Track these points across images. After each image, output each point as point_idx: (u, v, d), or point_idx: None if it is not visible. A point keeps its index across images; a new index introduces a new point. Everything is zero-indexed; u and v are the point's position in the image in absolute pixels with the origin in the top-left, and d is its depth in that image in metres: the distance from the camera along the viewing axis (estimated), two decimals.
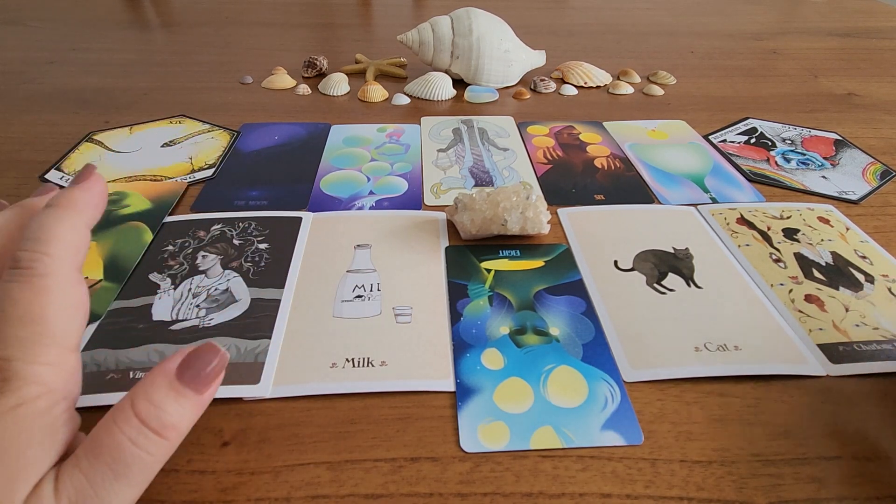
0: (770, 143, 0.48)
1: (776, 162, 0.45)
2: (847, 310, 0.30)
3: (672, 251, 0.34)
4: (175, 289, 0.31)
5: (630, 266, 0.33)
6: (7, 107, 0.52)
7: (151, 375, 0.18)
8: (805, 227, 0.37)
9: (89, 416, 0.24)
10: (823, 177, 0.43)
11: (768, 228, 0.37)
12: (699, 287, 0.32)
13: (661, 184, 0.42)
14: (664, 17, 0.85)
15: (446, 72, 0.57)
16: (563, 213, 0.38)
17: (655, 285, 0.32)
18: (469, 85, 0.56)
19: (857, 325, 0.29)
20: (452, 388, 0.25)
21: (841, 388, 0.26)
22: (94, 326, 0.28)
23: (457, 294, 0.31)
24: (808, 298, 0.31)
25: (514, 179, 0.42)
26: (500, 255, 0.34)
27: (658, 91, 0.57)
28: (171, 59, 0.65)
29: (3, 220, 0.21)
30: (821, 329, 0.29)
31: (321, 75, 0.60)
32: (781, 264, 0.34)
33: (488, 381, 0.26)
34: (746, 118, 0.52)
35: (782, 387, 0.26)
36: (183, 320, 0.28)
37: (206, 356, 0.19)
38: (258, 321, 0.29)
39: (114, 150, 0.45)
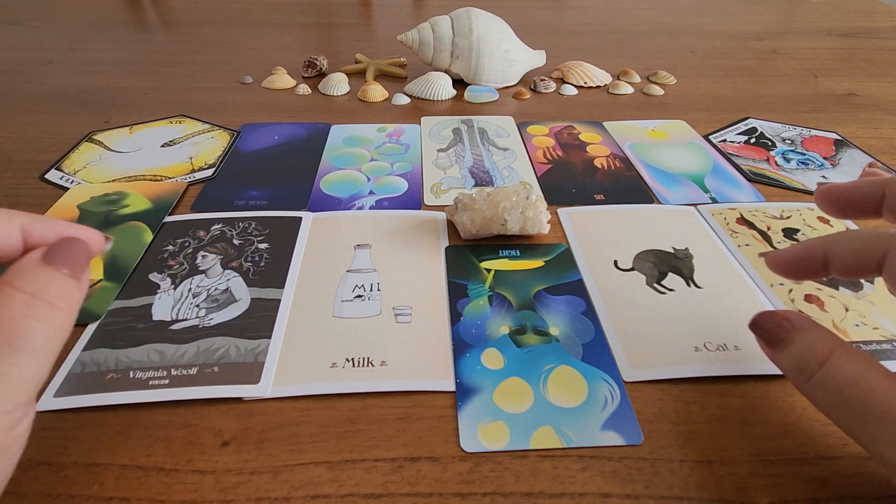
0: (770, 143, 0.48)
1: (776, 162, 0.45)
2: (847, 310, 0.30)
3: (672, 251, 0.34)
4: (175, 289, 0.31)
5: (630, 266, 0.33)
6: (7, 107, 0.52)
7: (19, 264, 0.18)
8: (805, 227, 0.37)
9: (90, 416, 0.24)
10: (823, 177, 0.43)
11: (768, 228, 0.37)
12: (699, 287, 0.32)
13: (661, 184, 0.42)
14: (664, 17, 0.85)
15: (446, 72, 0.57)
16: (563, 213, 0.38)
17: (655, 285, 0.32)
18: (469, 85, 0.56)
19: (857, 325, 0.29)
20: (452, 388, 0.25)
21: None
22: (94, 326, 0.28)
23: (457, 294, 0.31)
24: (808, 298, 0.31)
25: (514, 179, 0.42)
26: (500, 255, 0.34)
27: (658, 91, 0.57)
28: (171, 59, 0.65)
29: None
30: None
31: (321, 75, 0.60)
32: None
33: (488, 381, 0.26)
34: (746, 118, 0.52)
35: (782, 387, 0.26)
36: (183, 320, 0.28)
37: (69, 244, 0.19)
38: (258, 321, 0.29)
39: (114, 150, 0.45)
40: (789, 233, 0.36)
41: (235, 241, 0.34)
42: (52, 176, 0.41)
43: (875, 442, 0.18)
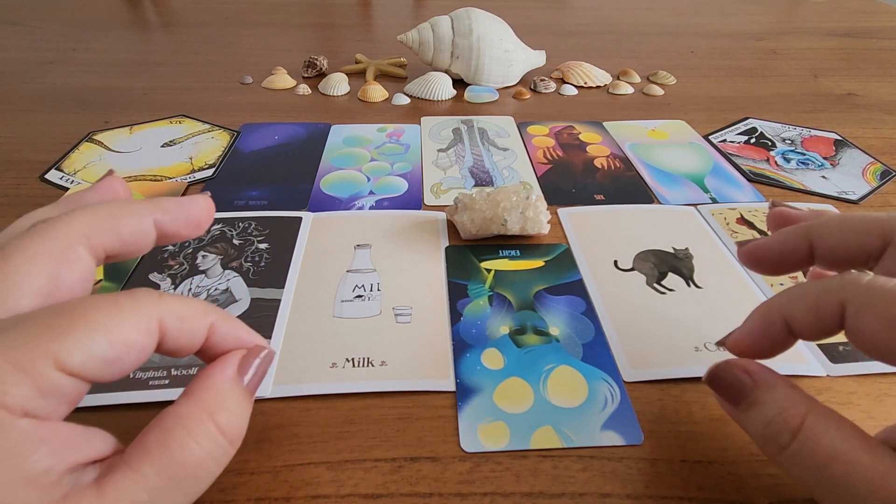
0: (770, 143, 0.48)
1: (776, 162, 0.45)
2: None
3: (672, 251, 0.34)
4: (175, 289, 0.31)
5: (630, 266, 0.33)
6: (7, 107, 0.52)
7: (219, 381, 0.17)
8: None
9: (90, 417, 0.24)
10: (823, 177, 0.43)
11: (768, 229, 0.37)
12: (699, 287, 0.32)
13: (661, 184, 0.42)
14: (664, 17, 0.85)
15: (446, 72, 0.57)
16: (563, 213, 0.38)
17: (655, 285, 0.32)
18: (469, 85, 0.56)
19: None
20: (452, 388, 0.25)
21: (841, 388, 0.26)
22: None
23: (457, 294, 0.31)
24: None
25: (514, 179, 0.42)
26: (500, 255, 0.34)
27: (658, 91, 0.57)
28: (171, 59, 0.65)
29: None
30: None
31: (321, 75, 0.60)
32: None
33: (488, 381, 0.26)
34: (746, 118, 0.52)
35: None
36: None
37: (258, 355, 0.18)
38: (258, 321, 0.29)
39: (114, 150, 0.45)
40: None
41: (235, 241, 0.34)
42: (52, 176, 0.41)
43: None
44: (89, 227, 0.17)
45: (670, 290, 0.31)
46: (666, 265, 0.33)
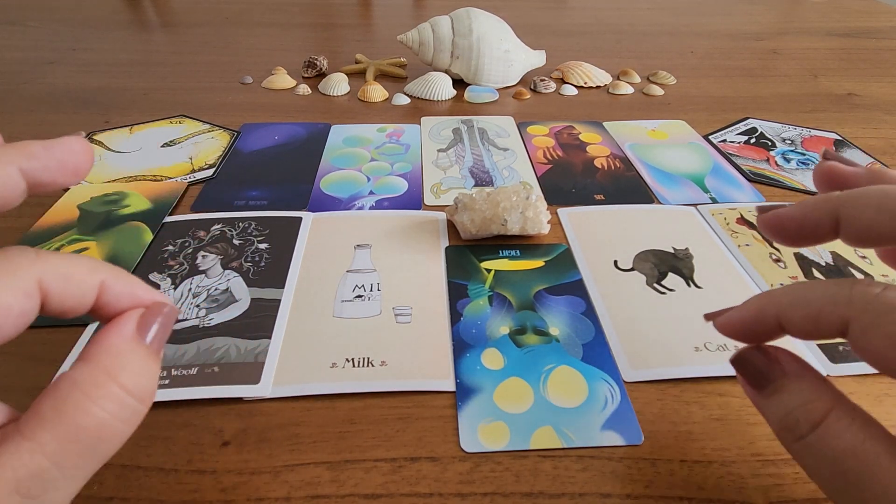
0: (770, 143, 0.48)
1: (776, 162, 0.45)
2: None
3: (672, 251, 0.34)
4: (175, 289, 0.31)
5: (630, 266, 0.33)
6: (7, 107, 0.52)
7: (118, 342, 0.16)
8: None
9: None
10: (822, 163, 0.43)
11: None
12: (699, 287, 0.32)
13: (661, 184, 0.42)
14: (664, 17, 0.85)
15: (446, 72, 0.57)
16: (563, 213, 0.38)
17: (655, 285, 0.32)
18: (469, 85, 0.56)
19: None
20: (452, 388, 0.25)
21: (841, 388, 0.26)
22: (94, 326, 0.28)
23: (457, 294, 0.31)
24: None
25: (514, 179, 0.42)
26: (500, 255, 0.34)
27: (658, 91, 0.57)
28: (171, 59, 0.65)
29: None
30: None
31: (321, 75, 0.60)
32: (781, 264, 0.34)
33: (488, 381, 0.26)
34: (746, 118, 0.52)
35: None
36: (183, 320, 0.28)
37: (160, 312, 0.17)
38: (258, 321, 0.29)
39: (114, 150, 0.45)
40: None
41: (235, 242, 0.34)
42: None
43: None
44: None
45: (670, 290, 0.31)
46: (666, 265, 0.33)
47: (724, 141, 0.48)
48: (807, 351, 0.28)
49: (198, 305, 0.29)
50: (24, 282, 0.15)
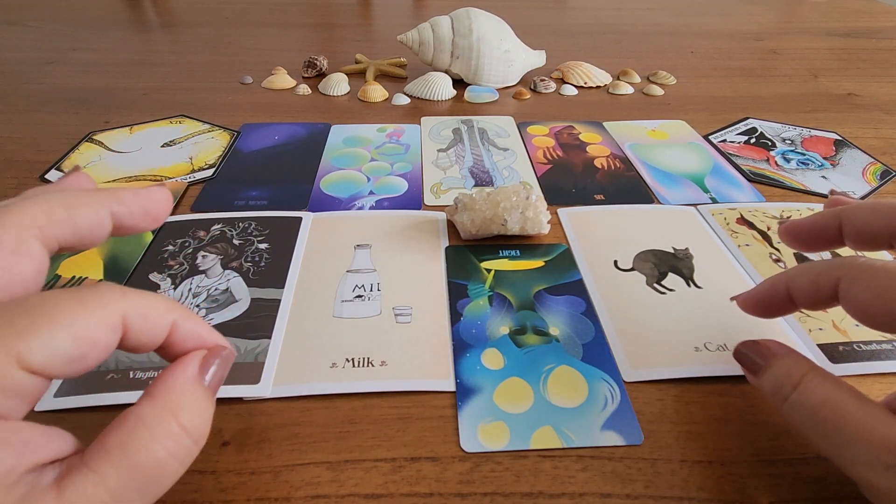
0: (770, 143, 0.48)
1: (776, 162, 0.45)
2: None
3: (672, 251, 0.34)
4: (175, 289, 0.31)
5: (630, 266, 0.33)
6: (7, 107, 0.52)
7: (182, 381, 0.17)
8: None
9: (90, 416, 0.24)
10: (823, 177, 0.43)
11: (768, 228, 0.37)
12: (699, 287, 0.32)
13: (661, 184, 0.42)
14: (664, 17, 0.85)
15: (446, 72, 0.57)
16: (563, 213, 0.38)
17: (655, 285, 0.32)
18: (469, 85, 0.56)
19: (857, 325, 0.29)
20: (452, 388, 0.25)
21: None
22: None
23: (457, 294, 0.31)
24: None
25: (514, 179, 0.42)
26: (500, 255, 0.34)
27: (658, 91, 0.57)
28: (171, 59, 0.65)
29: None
30: (821, 329, 0.29)
31: (321, 75, 0.60)
32: (781, 264, 0.34)
33: (488, 381, 0.26)
34: (746, 118, 0.52)
35: None
36: None
37: (219, 355, 0.18)
38: (258, 321, 0.29)
39: (114, 151, 0.45)
40: None
41: (235, 242, 0.34)
42: (52, 176, 0.41)
43: (851, 464, 0.18)
44: (43, 217, 0.17)
45: (670, 290, 0.31)
46: (666, 265, 0.33)
47: (724, 141, 0.48)
48: (808, 351, 0.28)
49: (198, 305, 0.29)
50: (111, 316, 0.16)
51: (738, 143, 0.48)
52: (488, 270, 0.32)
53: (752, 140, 0.48)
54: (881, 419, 0.17)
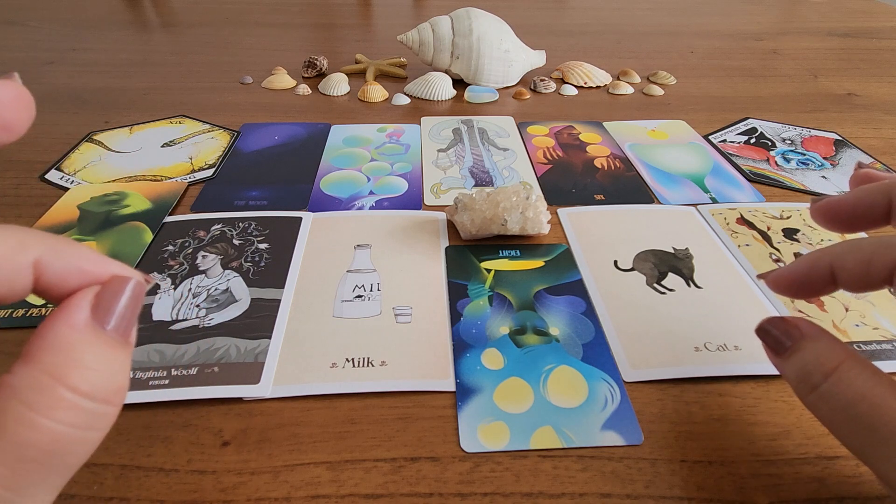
0: (770, 143, 0.48)
1: (776, 162, 0.45)
2: (847, 310, 0.30)
3: (672, 251, 0.34)
4: (175, 289, 0.31)
5: (630, 266, 0.33)
6: None
7: (65, 334, 0.13)
8: (805, 227, 0.37)
9: None
10: (823, 177, 0.43)
11: (768, 228, 0.37)
12: (699, 287, 0.32)
13: (661, 184, 0.42)
14: (664, 17, 0.85)
15: (446, 72, 0.57)
16: (563, 213, 0.38)
17: (655, 285, 0.32)
18: (469, 85, 0.56)
19: (857, 325, 0.29)
20: (452, 388, 0.25)
21: None
22: None
23: (457, 294, 0.31)
24: (809, 299, 0.31)
25: (514, 179, 0.42)
26: (500, 255, 0.34)
27: (658, 91, 0.57)
28: (171, 59, 0.65)
29: None
30: None
31: (321, 75, 0.60)
32: (781, 264, 0.34)
33: (488, 381, 0.26)
34: (746, 118, 0.52)
35: (782, 387, 0.26)
36: (183, 320, 0.28)
37: (122, 289, 0.14)
38: (258, 321, 0.29)
39: (114, 150, 0.45)
40: (789, 233, 0.36)
41: (235, 242, 0.34)
42: (52, 176, 0.41)
43: (881, 462, 0.16)
44: None
45: (670, 290, 0.31)
46: (666, 265, 0.33)
47: (724, 141, 0.48)
48: None
49: (198, 305, 0.29)
50: None
51: (738, 143, 0.48)
52: (488, 270, 0.32)
53: (752, 140, 0.48)
54: None
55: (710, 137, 0.49)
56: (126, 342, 0.14)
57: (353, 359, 0.27)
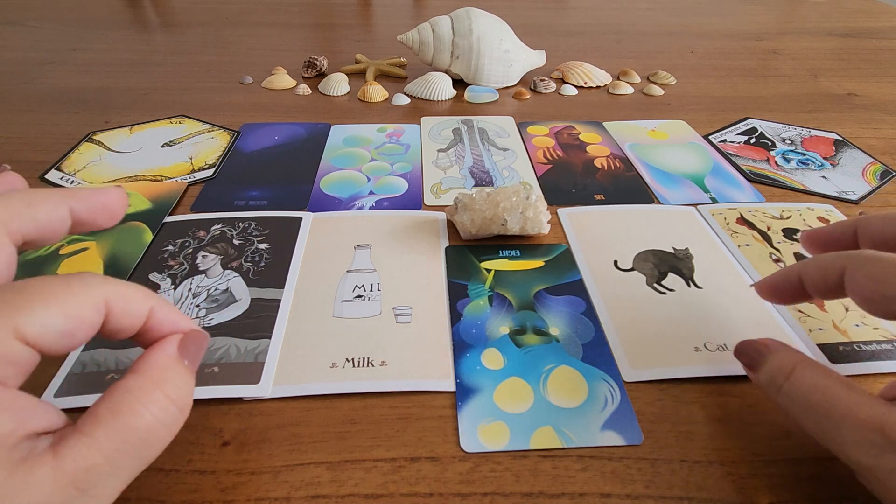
0: (770, 143, 0.48)
1: (776, 162, 0.45)
2: (847, 310, 0.30)
3: (672, 251, 0.34)
4: (175, 289, 0.31)
5: (630, 266, 0.33)
6: (7, 107, 0.52)
7: (164, 359, 0.18)
8: (805, 227, 0.37)
9: None
10: (823, 177, 0.43)
11: (768, 228, 0.37)
12: (699, 287, 0.32)
13: (661, 184, 0.42)
14: (664, 17, 0.85)
15: (446, 72, 0.57)
16: (563, 213, 0.38)
17: (655, 285, 0.32)
18: (469, 85, 0.56)
19: (857, 325, 0.29)
20: (452, 388, 0.25)
21: None
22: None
23: (457, 294, 0.31)
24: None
25: (514, 179, 0.42)
26: (500, 255, 0.34)
27: (658, 91, 0.57)
28: (171, 59, 0.65)
29: None
30: (821, 329, 0.29)
31: (321, 75, 0.60)
32: (781, 264, 0.34)
33: (488, 381, 0.26)
34: (746, 118, 0.52)
35: None
36: None
37: (196, 338, 0.20)
38: (258, 321, 0.29)
39: (114, 150, 0.45)
40: (789, 233, 0.36)
41: (235, 242, 0.34)
42: (53, 176, 0.41)
43: (841, 445, 0.19)
44: (6, 213, 0.18)
45: (670, 290, 0.31)
46: (666, 265, 0.33)
47: (724, 141, 0.48)
48: (808, 352, 0.28)
49: (198, 305, 0.29)
50: (96, 298, 0.17)
51: (738, 143, 0.48)
52: (488, 270, 0.32)
53: (752, 140, 0.48)
54: (865, 401, 0.19)
55: (710, 137, 0.49)
56: (193, 373, 0.19)
57: (352, 359, 0.27)
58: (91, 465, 0.15)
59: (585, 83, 0.59)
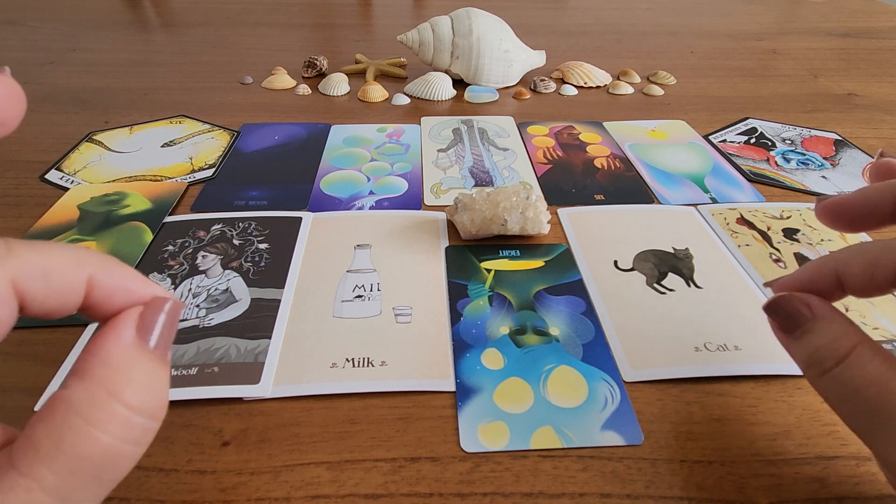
0: (770, 143, 0.48)
1: (776, 162, 0.45)
2: (847, 310, 0.30)
3: (672, 251, 0.34)
4: (175, 289, 0.31)
5: (630, 266, 0.33)
6: None
7: (116, 351, 0.14)
8: (805, 227, 0.37)
9: None
10: (823, 177, 0.43)
11: (768, 228, 0.37)
12: (699, 287, 0.32)
13: (661, 184, 0.42)
14: (664, 17, 0.85)
15: (446, 72, 0.57)
16: (563, 213, 0.38)
17: (655, 285, 0.32)
18: (469, 85, 0.56)
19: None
20: (452, 388, 0.25)
21: None
22: (94, 326, 0.28)
23: (457, 294, 0.31)
24: None
25: (514, 179, 0.42)
26: (500, 255, 0.34)
27: (658, 91, 0.57)
28: (171, 59, 0.65)
29: None
30: None
31: (321, 75, 0.60)
32: (781, 264, 0.34)
33: (488, 381, 0.26)
34: (746, 118, 0.52)
35: (782, 387, 0.26)
36: (183, 320, 0.28)
37: (161, 308, 0.15)
38: (258, 321, 0.29)
39: (114, 150, 0.45)
40: (789, 233, 0.36)
41: (235, 242, 0.34)
42: (53, 176, 0.41)
43: (884, 445, 0.17)
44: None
45: (670, 290, 0.31)
46: (666, 265, 0.33)
47: (724, 141, 0.48)
48: None
49: (198, 305, 0.29)
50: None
51: (738, 143, 0.48)
52: (488, 270, 0.32)
53: (752, 140, 0.48)
54: None
55: (710, 137, 0.49)
56: (165, 361, 0.15)
57: (353, 359, 0.27)
58: None
59: (585, 83, 0.59)
